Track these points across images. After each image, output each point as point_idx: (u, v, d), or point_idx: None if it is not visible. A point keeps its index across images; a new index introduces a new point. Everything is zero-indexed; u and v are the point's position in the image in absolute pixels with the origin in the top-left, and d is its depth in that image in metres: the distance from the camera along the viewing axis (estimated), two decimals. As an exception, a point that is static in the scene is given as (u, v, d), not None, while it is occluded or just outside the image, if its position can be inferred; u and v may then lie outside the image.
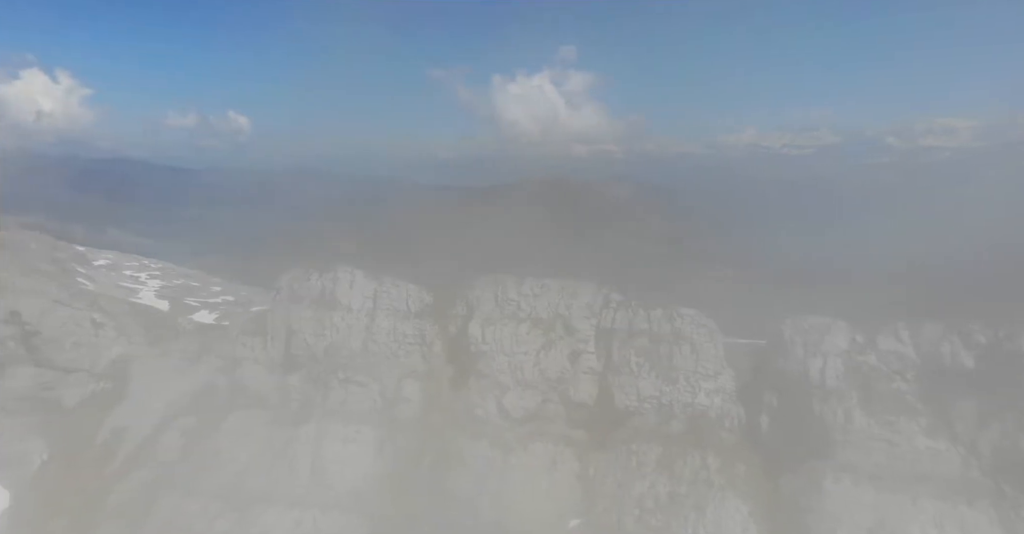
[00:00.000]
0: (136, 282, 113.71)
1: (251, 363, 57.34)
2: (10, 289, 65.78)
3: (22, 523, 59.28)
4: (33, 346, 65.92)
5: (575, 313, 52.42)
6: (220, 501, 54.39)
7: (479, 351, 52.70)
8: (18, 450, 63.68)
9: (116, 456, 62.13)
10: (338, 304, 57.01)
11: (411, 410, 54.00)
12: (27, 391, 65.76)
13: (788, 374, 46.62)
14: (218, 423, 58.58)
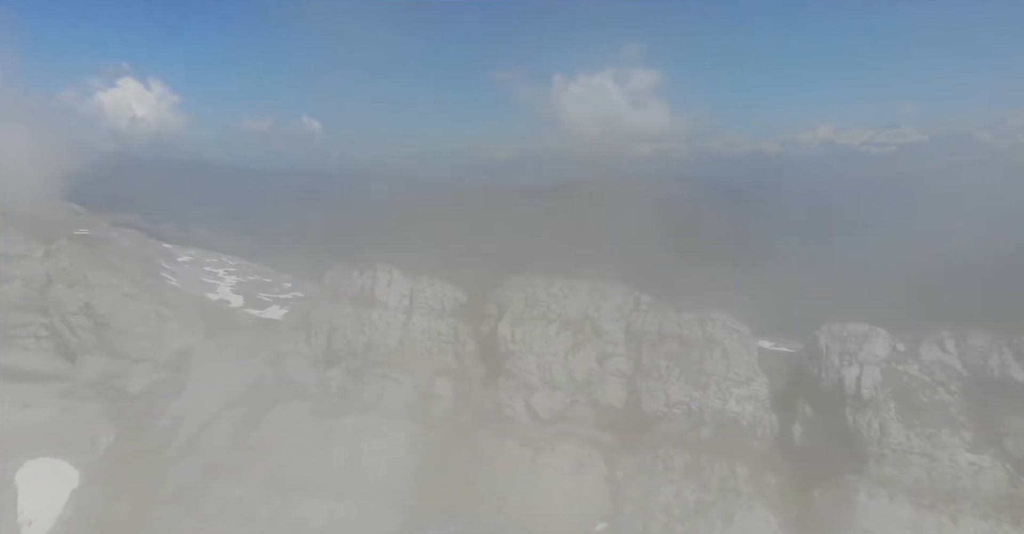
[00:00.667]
0: (215, 278, 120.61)
1: (295, 357, 59.85)
2: (84, 283, 70.97)
3: (88, 504, 63.93)
4: (103, 336, 70.93)
5: (604, 315, 52.17)
6: (264, 489, 57.13)
7: (508, 351, 53.23)
8: (88, 434, 68.65)
9: (174, 443, 66.12)
10: (376, 302, 58.79)
11: (443, 407, 55.13)
12: (97, 378, 70.82)
13: (823, 383, 44.96)
14: (265, 414, 61.52)
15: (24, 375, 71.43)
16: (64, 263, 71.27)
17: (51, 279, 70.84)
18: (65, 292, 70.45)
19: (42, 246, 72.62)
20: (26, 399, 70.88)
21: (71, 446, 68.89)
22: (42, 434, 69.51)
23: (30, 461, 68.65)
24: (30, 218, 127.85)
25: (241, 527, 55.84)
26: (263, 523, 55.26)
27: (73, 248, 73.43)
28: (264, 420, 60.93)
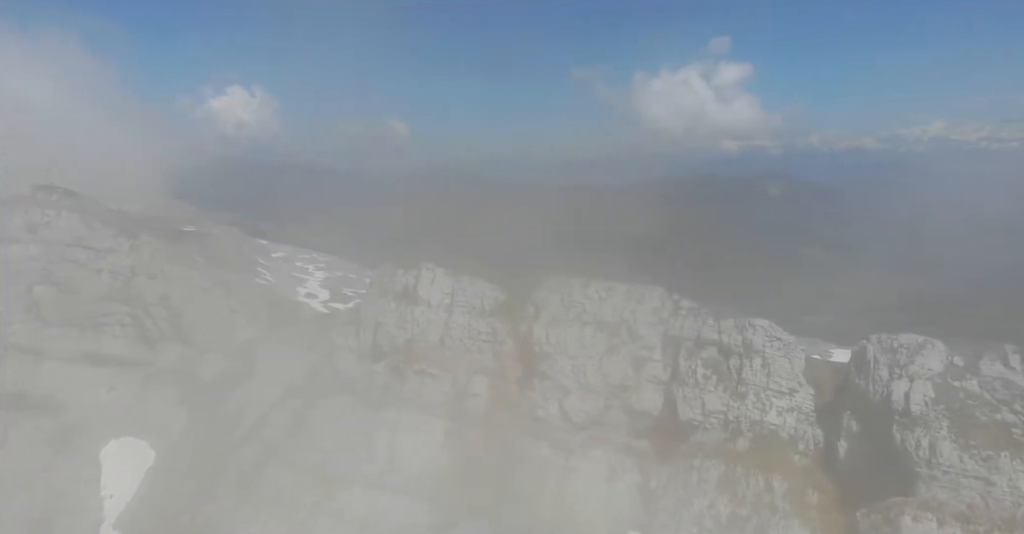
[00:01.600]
0: (305, 273, 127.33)
1: (344, 351, 61.94)
2: (162, 276, 76.39)
3: (160, 482, 68.87)
4: (178, 326, 76.13)
5: (640, 318, 50.78)
6: (311, 477, 59.60)
7: (543, 352, 52.88)
8: (163, 417, 73.93)
9: (237, 429, 70.06)
10: (419, 299, 59.88)
11: (479, 405, 55.51)
12: (173, 365, 76.10)
13: (870, 397, 41.89)
14: (315, 405, 64.10)
15: (110, 360, 77.76)
16: (146, 257, 76.93)
17: (134, 272, 76.67)
18: (146, 284, 76.07)
19: (128, 241, 78.64)
20: (112, 382, 77.14)
21: (149, 428, 74.41)
22: (125, 416, 75.47)
23: (114, 440, 74.75)
24: (137, 215, 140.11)
25: (288, 514, 58.54)
26: (307, 511, 57.70)
27: (155, 244, 79.10)
28: (314, 411, 63.49)
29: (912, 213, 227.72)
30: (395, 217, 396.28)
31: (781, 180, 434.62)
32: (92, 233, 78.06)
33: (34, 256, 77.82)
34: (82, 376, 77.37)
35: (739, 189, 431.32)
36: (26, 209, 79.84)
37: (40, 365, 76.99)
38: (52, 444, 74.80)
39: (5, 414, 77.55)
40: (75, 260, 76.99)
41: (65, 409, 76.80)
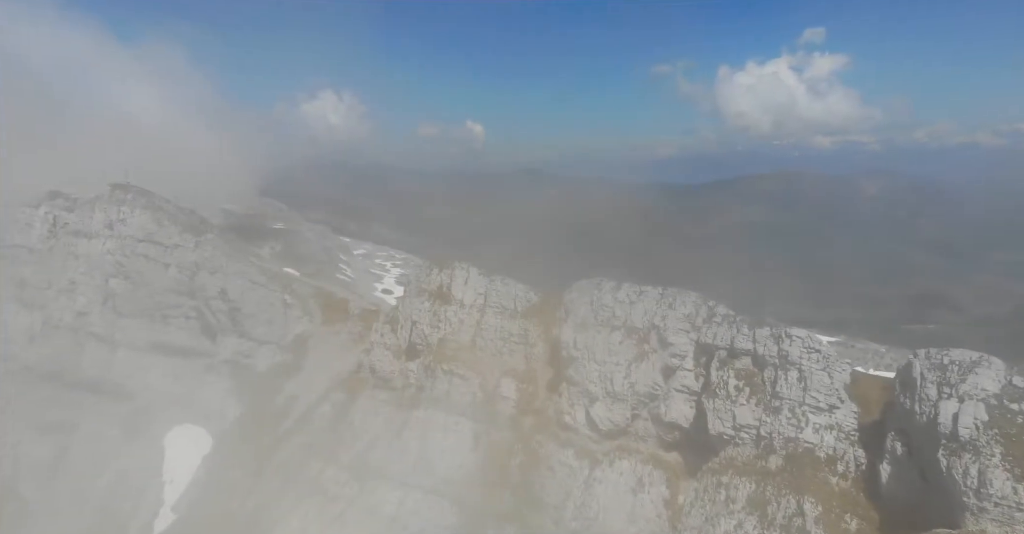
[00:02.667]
0: (382, 269, 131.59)
1: (381, 348, 62.69)
2: (222, 271, 79.91)
3: (215, 468, 72.19)
4: (236, 319, 79.48)
5: (671, 325, 48.40)
6: (349, 472, 60.85)
7: (570, 357, 51.47)
8: (221, 406, 77.54)
9: (286, 420, 72.52)
10: (452, 298, 59.74)
11: (507, 408, 54.81)
12: (231, 356, 79.60)
13: (916, 417, 38.09)
14: (356, 400, 65.35)
15: (176, 350, 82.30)
16: (207, 253, 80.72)
17: (198, 267, 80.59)
18: (207, 279, 79.84)
19: (194, 238, 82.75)
20: (177, 371, 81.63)
21: (208, 416, 78.24)
22: (187, 404, 79.69)
23: (176, 427, 79.14)
24: (233, 212, 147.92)
25: (326, 506, 60.00)
26: (343, 504, 58.93)
27: (216, 240, 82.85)
28: (355, 406, 64.77)
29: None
30: (467, 216, 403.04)
31: (882, 177, 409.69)
32: (161, 230, 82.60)
33: (110, 251, 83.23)
34: (150, 365, 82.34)
35: (834, 187, 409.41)
36: (105, 207, 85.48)
37: (114, 353, 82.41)
38: (122, 428, 79.97)
39: (82, 398, 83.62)
40: (145, 255, 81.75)
41: (135, 395, 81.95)
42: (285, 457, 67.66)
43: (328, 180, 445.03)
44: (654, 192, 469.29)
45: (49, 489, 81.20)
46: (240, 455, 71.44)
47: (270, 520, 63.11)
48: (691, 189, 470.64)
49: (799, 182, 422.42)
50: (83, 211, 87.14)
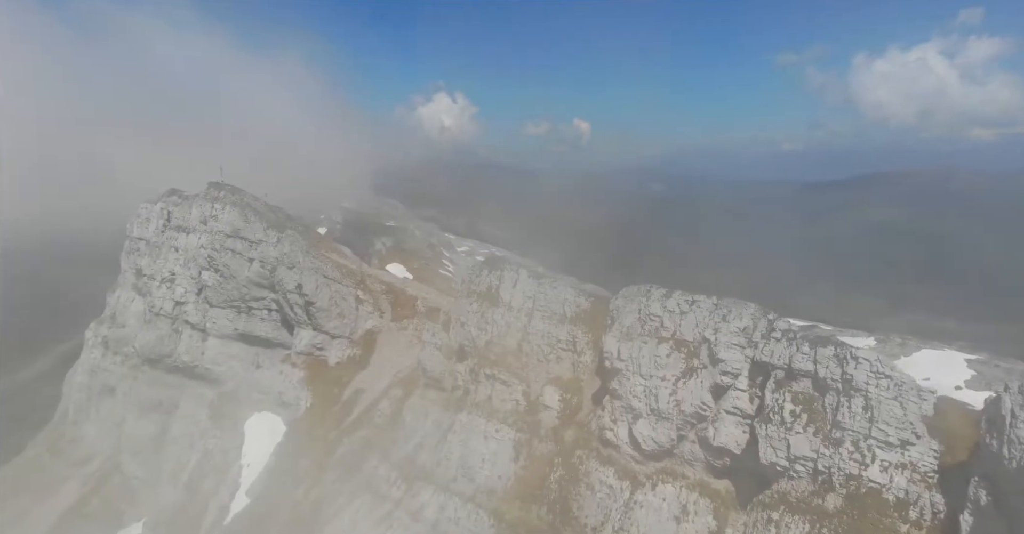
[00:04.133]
0: None
1: (432, 348, 61.79)
2: (298, 266, 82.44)
3: (285, 456, 74.76)
4: (311, 313, 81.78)
5: (724, 339, 43.42)
6: (398, 470, 60.73)
7: (614, 368, 47.77)
8: (295, 395, 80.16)
9: (351, 413, 73.80)
10: (500, 301, 57.55)
11: (550, 419, 52.06)
12: (305, 348, 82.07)
13: (1004, 462, 31.46)
14: (410, 399, 65.09)
15: (259, 341, 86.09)
16: (286, 248, 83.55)
17: (278, 262, 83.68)
18: (286, 273, 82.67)
19: (276, 234, 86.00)
20: (259, 361, 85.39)
21: (285, 404, 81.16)
22: (267, 391, 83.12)
23: (256, 414, 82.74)
24: (348, 210, 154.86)
25: (375, 505, 60.21)
26: (390, 505, 58.79)
27: (294, 236, 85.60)
28: (409, 404, 64.51)
29: None
30: (568, 214, 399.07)
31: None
32: (248, 226, 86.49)
33: (203, 245, 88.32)
34: (236, 353, 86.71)
35: (995, 184, 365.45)
36: (201, 204, 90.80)
37: (205, 341, 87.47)
38: (211, 411, 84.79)
39: (180, 381, 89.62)
40: (233, 249, 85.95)
41: (223, 381, 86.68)
42: (346, 451, 68.77)
43: (440, 179, 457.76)
44: (778, 189, 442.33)
45: (148, 464, 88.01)
46: (308, 445, 73.53)
47: (327, 513, 64.37)
48: (822, 186, 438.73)
49: (953, 179, 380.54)
50: (184, 207, 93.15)
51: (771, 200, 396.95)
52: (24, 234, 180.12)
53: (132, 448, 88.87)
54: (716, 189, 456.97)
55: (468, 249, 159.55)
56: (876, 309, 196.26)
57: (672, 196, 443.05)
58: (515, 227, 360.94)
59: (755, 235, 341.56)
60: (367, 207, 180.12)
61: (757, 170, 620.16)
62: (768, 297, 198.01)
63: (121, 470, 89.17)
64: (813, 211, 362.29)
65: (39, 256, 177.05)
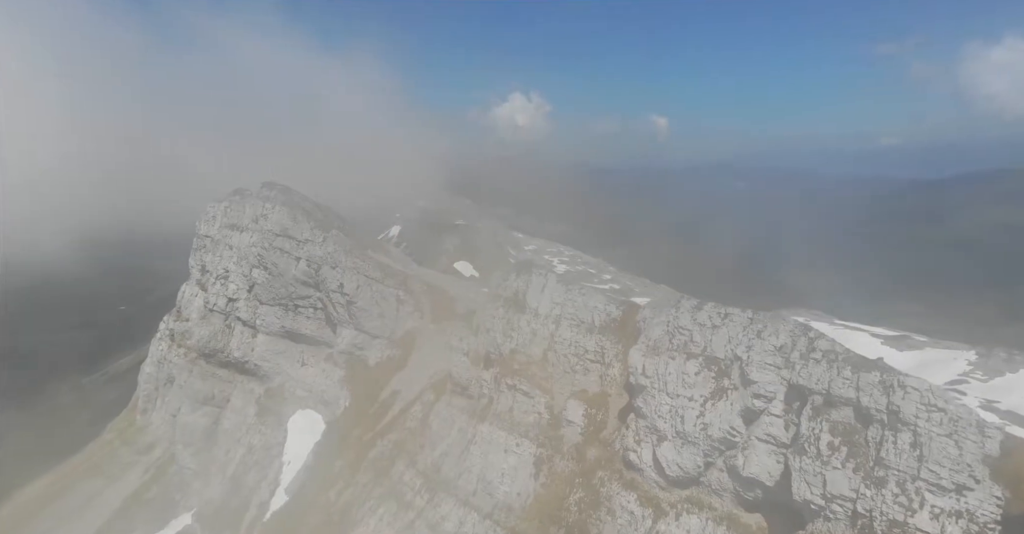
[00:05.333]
0: (549, 266, 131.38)
1: (459, 354, 59.84)
2: (341, 266, 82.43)
3: (322, 455, 74.83)
4: (352, 313, 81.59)
5: (757, 358, 39.03)
6: (423, 478, 59.21)
7: (639, 384, 44.13)
8: (335, 394, 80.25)
9: (386, 415, 72.99)
10: (527, 307, 54.78)
11: (572, 435, 48.93)
12: (347, 348, 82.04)
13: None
14: (438, 405, 63.45)
15: (304, 338, 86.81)
16: (330, 248, 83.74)
17: (322, 261, 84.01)
18: (329, 273, 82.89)
19: (322, 233, 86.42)
20: (304, 358, 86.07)
21: (326, 403, 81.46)
22: (310, 389, 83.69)
23: (299, 411, 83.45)
24: (419, 208, 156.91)
25: (399, 512, 58.90)
26: (413, 514, 57.30)
27: (339, 236, 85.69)
28: (436, 410, 62.88)
29: None
30: (640, 213, 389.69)
31: None
32: (295, 225, 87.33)
33: (254, 243, 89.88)
34: (283, 350, 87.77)
35: None
36: (253, 203, 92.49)
37: (255, 337, 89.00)
38: (258, 406, 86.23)
39: (232, 376, 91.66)
40: (281, 248, 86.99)
41: (270, 377, 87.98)
42: (377, 454, 67.94)
43: (512, 178, 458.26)
44: (875, 186, 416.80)
45: (200, 456, 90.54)
46: (343, 446, 73.27)
47: (354, 518, 63.70)
48: (926, 183, 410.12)
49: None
50: (239, 206, 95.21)
51: (868, 198, 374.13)
52: (125, 230, 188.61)
53: (186, 439, 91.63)
54: (805, 186, 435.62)
55: (536, 248, 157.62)
56: (984, 318, 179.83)
57: (754, 194, 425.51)
58: (586, 226, 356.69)
59: (849, 235, 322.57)
60: (439, 206, 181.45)
61: (853, 166, 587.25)
62: (858, 303, 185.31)
63: (176, 460, 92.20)
64: (916, 210, 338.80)
65: (132, 250, 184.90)
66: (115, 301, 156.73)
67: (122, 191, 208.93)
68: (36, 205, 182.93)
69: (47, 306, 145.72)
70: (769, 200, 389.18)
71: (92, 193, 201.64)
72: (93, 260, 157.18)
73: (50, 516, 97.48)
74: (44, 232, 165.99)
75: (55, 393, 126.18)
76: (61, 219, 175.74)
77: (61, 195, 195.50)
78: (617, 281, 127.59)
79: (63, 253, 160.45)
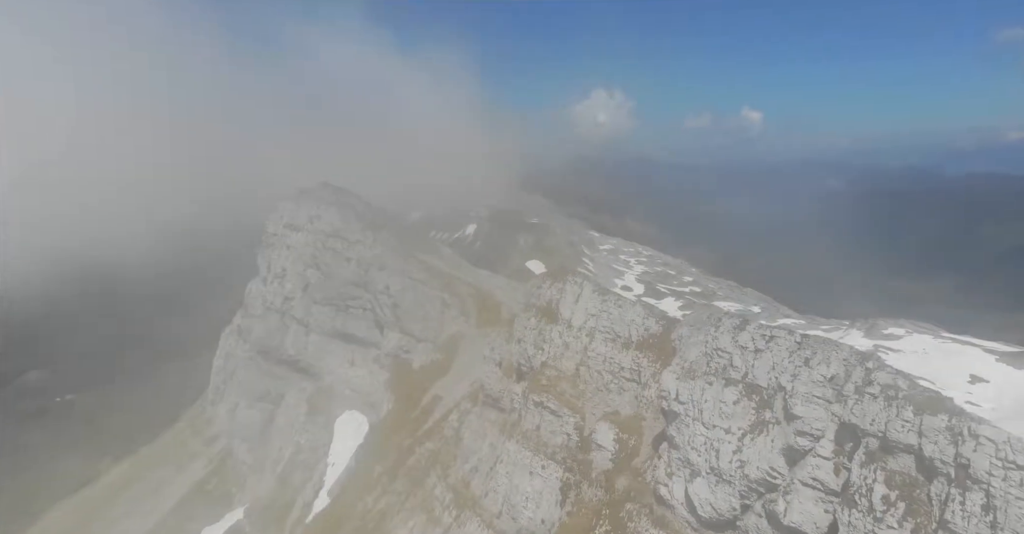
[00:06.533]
0: (625, 266, 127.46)
1: (492, 364, 56.89)
2: (388, 267, 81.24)
3: (363, 459, 73.87)
4: (398, 315, 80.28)
5: (803, 389, 33.70)
6: (452, 493, 56.78)
7: (672, 411, 39.61)
8: (380, 397, 79.27)
9: (426, 421, 71.18)
10: (560, 318, 50.96)
11: (602, 461, 44.83)
12: (392, 350, 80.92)
13: None
14: (470, 416, 60.80)
15: (354, 339, 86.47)
16: (378, 249, 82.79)
17: (371, 263, 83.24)
18: (377, 274, 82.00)
19: (372, 234, 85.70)
20: (353, 358, 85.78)
21: (372, 405, 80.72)
22: (358, 390, 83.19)
23: (346, 412, 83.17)
24: (492, 208, 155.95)
25: (427, 527, 56.79)
26: (440, 531, 54.95)
27: (388, 237, 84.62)
28: (469, 422, 60.27)
29: None
30: (728, 212, 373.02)
31: None
32: (347, 226, 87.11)
33: (308, 243, 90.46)
34: (334, 349, 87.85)
35: None
36: (308, 204, 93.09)
37: (308, 336, 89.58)
38: (308, 405, 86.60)
39: (287, 373, 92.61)
40: (333, 248, 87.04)
41: (321, 376, 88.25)
42: (414, 462, 66.17)
43: (591, 176, 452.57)
44: (1002, 184, 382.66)
45: (255, 452, 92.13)
46: (384, 451, 72.01)
47: (389, 526, 62.14)
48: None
49: None
50: (296, 206, 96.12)
51: (993, 197, 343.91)
52: (231, 222, 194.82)
53: (242, 434, 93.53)
54: (924, 185, 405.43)
55: (612, 247, 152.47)
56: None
57: (855, 192, 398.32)
58: (669, 225, 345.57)
59: (970, 238, 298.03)
60: (513, 205, 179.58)
61: (976, 162, 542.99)
62: (975, 313, 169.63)
63: (233, 455, 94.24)
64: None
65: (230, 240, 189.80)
66: (223, 290, 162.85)
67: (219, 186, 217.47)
68: (133, 200, 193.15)
69: (161, 295, 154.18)
70: (878, 199, 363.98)
71: (191, 188, 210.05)
72: (203, 252, 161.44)
73: (125, 501, 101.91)
74: (148, 227, 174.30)
75: (164, 374, 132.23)
76: (162, 213, 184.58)
77: (163, 191, 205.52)
78: (699, 283, 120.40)
79: (171, 244, 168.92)
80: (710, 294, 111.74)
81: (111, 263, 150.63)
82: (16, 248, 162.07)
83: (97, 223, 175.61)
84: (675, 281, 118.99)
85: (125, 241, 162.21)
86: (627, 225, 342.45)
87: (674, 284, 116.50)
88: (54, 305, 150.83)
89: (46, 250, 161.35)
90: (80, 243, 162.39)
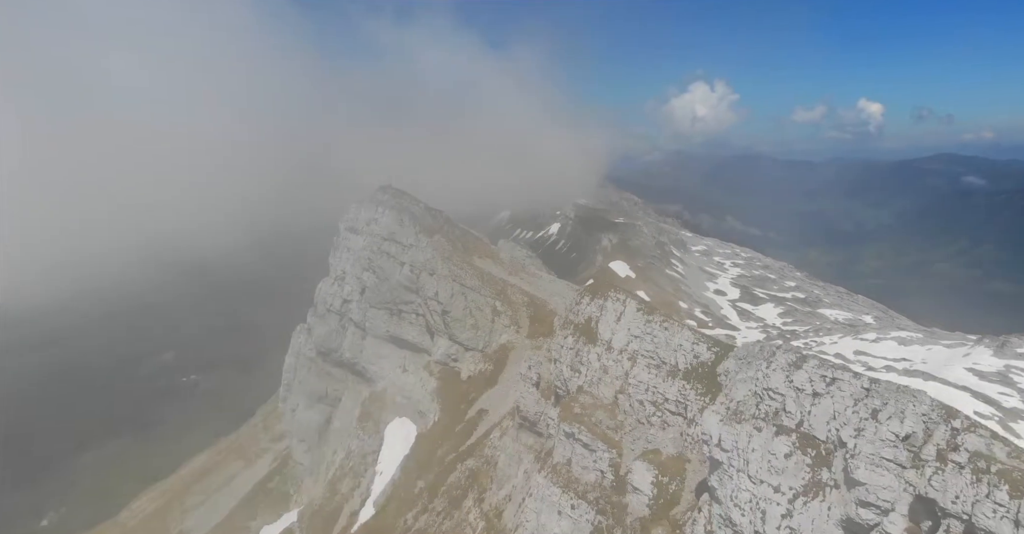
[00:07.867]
0: (719, 268, 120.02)
1: (528, 384, 52.57)
2: (438, 273, 78.29)
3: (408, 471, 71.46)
4: (447, 322, 77.24)
5: (868, 448, 27.27)
6: (484, 521, 53.26)
7: (713, 458, 33.90)
8: (428, 406, 76.70)
9: (470, 436, 67.86)
10: (598, 338, 45.86)
11: (638, 505, 39.56)
12: (442, 358, 78.09)
13: None
14: (506, 439, 56.96)
15: (407, 344, 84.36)
16: (429, 254, 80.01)
17: (423, 267, 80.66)
18: (427, 280, 79.32)
19: (426, 238, 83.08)
20: (406, 364, 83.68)
21: (420, 413, 78.34)
22: (409, 396, 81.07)
23: (396, 419, 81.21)
24: (579, 207, 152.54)
25: (459, 553, 53.34)
26: (471, 560, 51.41)
27: (441, 241, 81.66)
28: (504, 444, 56.34)
29: None
30: (845, 210, 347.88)
31: None
32: (402, 229, 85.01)
33: (365, 246, 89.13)
34: (388, 354, 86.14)
35: None
36: (367, 207, 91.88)
37: (364, 339, 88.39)
38: (362, 409, 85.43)
39: (344, 375, 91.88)
40: (388, 252, 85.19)
41: (375, 381, 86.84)
42: (455, 480, 62.94)
43: (687, 172, 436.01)
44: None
45: (312, 453, 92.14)
46: (427, 464, 69.34)
47: (424, 547, 59.30)
48: None
49: None
50: (357, 209, 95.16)
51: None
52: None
53: (300, 434, 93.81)
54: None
55: (705, 248, 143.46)
56: None
57: (997, 190, 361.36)
58: (776, 225, 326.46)
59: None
60: (600, 203, 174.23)
61: None
62: None
63: (292, 455, 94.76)
64: None
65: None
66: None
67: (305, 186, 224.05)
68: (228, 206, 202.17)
69: (266, 290, 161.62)
70: (1014, 197, 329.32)
71: (286, 188, 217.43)
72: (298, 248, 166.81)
73: (198, 492, 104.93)
74: (250, 230, 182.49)
75: (271, 362, 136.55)
76: (263, 213, 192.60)
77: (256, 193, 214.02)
78: (802, 289, 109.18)
79: (266, 241, 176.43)
80: (815, 301, 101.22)
81: (215, 258, 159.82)
82: (132, 236, 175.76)
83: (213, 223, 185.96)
84: (775, 286, 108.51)
85: (232, 240, 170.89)
86: (726, 223, 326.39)
87: (774, 289, 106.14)
88: (172, 294, 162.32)
89: (159, 251, 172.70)
90: (187, 243, 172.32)
